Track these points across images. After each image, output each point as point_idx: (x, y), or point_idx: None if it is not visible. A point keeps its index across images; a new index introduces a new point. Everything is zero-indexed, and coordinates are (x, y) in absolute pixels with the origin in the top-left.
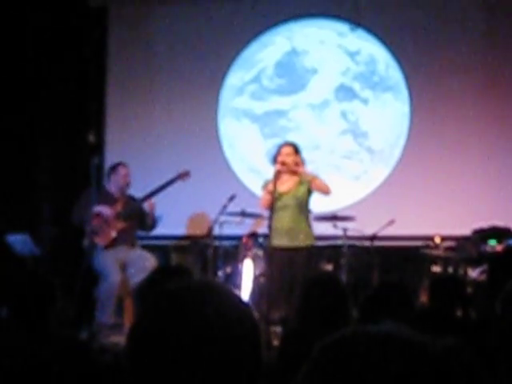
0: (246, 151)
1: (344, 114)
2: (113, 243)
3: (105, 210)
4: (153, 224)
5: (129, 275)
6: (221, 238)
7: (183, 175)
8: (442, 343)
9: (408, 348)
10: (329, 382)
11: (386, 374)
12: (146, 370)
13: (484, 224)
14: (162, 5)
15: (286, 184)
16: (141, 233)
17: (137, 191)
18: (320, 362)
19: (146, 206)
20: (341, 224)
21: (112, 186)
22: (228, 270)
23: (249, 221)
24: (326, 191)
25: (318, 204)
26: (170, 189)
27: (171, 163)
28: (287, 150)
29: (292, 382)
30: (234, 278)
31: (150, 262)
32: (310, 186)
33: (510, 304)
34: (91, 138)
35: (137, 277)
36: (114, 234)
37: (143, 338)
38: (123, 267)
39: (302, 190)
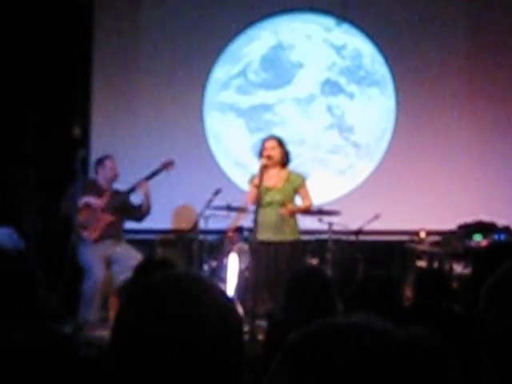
0: (232, 145)
1: (330, 109)
2: (100, 237)
3: (93, 200)
4: (147, 209)
5: (114, 273)
6: (206, 232)
7: (167, 165)
8: (411, 333)
9: (378, 338)
10: (298, 374)
11: (355, 365)
12: (128, 362)
13: (469, 219)
14: None
15: (273, 179)
16: (127, 225)
17: (122, 185)
18: (291, 354)
19: (139, 188)
20: (326, 218)
21: (99, 178)
22: (213, 264)
23: (234, 215)
24: (306, 209)
25: None
26: (155, 183)
27: (156, 157)
28: (271, 143)
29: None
30: (219, 272)
31: (135, 260)
32: (299, 190)
33: (492, 299)
34: (76, 131)
35: (122, 275)
36: (101, 227)
37: (126, 329)
38: (108, 264)
39: (289, 186)
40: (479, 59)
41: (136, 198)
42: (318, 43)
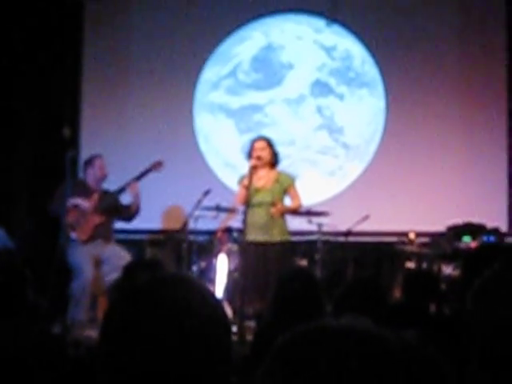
0: (222, 146)
1: (319, 110)
2: (90, 238)
3: (82, 202)
4: (136, 209)
5: (103, 273)
6: (195, 232)
7: (156, 165)
8: (402, 337)
9: (368, 341)
10: (288, 376)
11: (344, 368)
12: (116, 362)
13: (458, 220)
14: None
15: (263, 180)
16: (117, 226)
17: (111, 185)
18: (280, 356)
19: (129, 189)
20: (315, 219)
21: (88, 178)
22: (202, 264)
23: (223, 215)
24: (295, 209)
25: None
26: (145, 183)
27: (146, 157)
28: (260, 144)
29: (255, 376)
30: (208, 272)
31: (124, 260)
32: (288, 191)
33: (480, 299)
34: (66, 131)
35: (111, 275)
36: (91, 228)
37: (114, 330)
38: (98, 264)
39: (279, 187)
40: (470, 60)
41: (125, 199)
42: (308, 44)
